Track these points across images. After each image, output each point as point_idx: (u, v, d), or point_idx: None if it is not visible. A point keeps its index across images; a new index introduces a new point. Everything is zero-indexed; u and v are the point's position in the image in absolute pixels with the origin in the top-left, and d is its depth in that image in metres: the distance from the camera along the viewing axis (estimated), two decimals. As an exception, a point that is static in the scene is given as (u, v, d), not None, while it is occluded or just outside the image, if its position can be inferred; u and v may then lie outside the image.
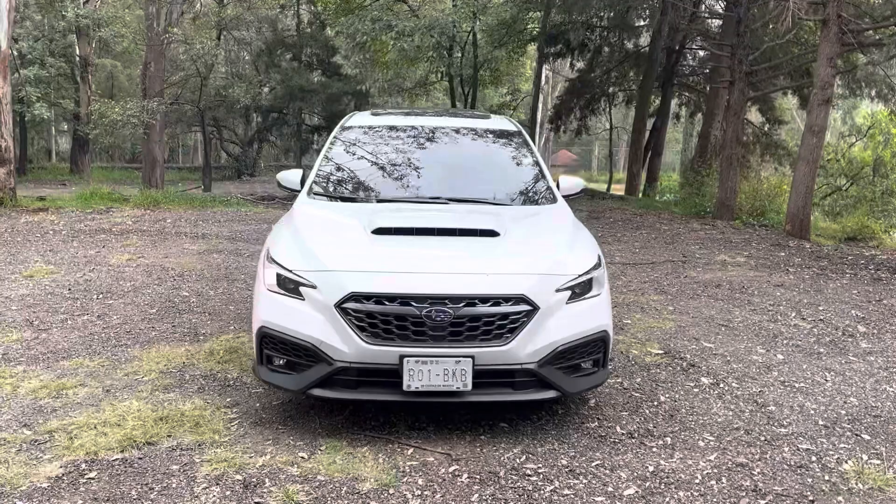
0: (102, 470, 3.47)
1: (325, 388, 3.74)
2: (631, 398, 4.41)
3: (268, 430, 3.93)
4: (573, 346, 3.82)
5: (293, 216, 4.51)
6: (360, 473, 3.46)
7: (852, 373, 4.92)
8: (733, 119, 12.77)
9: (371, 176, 5.06)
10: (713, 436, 3.92)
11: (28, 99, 26.68)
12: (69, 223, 10.24)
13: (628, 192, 18.81)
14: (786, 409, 4.28)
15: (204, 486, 3.34)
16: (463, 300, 3.63)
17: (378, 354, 3.62)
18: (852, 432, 3.99)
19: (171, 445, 3.72)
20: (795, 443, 3.85)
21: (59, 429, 3.87)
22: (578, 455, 3.69)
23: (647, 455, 3.70)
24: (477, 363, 3.64)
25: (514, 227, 4.26)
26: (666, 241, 10.04)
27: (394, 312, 3.61)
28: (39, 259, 7.85)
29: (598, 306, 3.96)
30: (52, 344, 5.20)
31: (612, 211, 13.19)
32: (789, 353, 5.27)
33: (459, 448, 3.74)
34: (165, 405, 4.18)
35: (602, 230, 10.85)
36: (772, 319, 6.11)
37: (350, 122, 5.68)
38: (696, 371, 4.87)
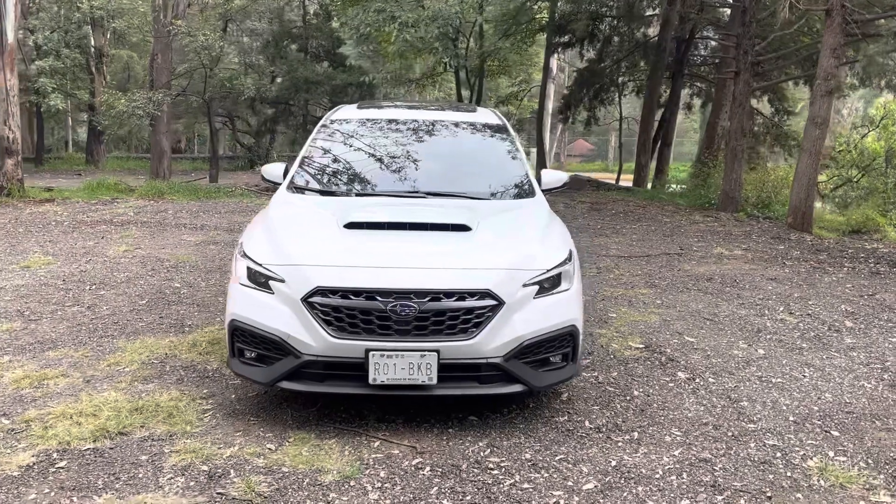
0: (73, 459, 3.54)
1: (294, 381, 3.78)
2: (604, 392, 4.43)
3: (239, 421, 3.98)
4: (540, 340, 3.84)
5: (269, 210, 4.56)
6: (324, 465, 3.51)
7: (832, 368, 4.90)
8: (738, 110, 12.66)
9: (351, 169, 5.09)
10: (681, 431, 3.93)
11: (44, 90, 26.91)
12: (72, 214, 10.37)
13: (636, 183, 18.71)
14: (758, 405, 4.27)
15: (169, 476, 3.40)
16: (428, 295, 3.66)
17: (344, 348, 3.66)
18: (822, 429, 3.99)
19: (143, 436, 3.79)
20: (762, 439, 3.85)
21: (35, 418, 3.94)
22: (543, 449, 3.71)
23: (611, 450, 3.72)
24: (442, 357, 3.67)
25: (487, 222, 4.28)
26: (665, 233, 10.00)
27: (359, 307, 3.65)
28: (38, 250, 7.97)
29: (567, 301, 3.96)
30: (40, 334, 5.29)
31: (616, 202, 13.14)
32: (771, 348, 5.26)
33: (426, 441, 3.78)
34: (143, 396, 4.25)
35: (601, 222, 10.83)
36: (759, 314, 6.09)
37: (335, 115, 5.72)
38: (673, 366, 4.87)
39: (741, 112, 12.67)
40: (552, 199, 12.89)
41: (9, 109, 12.04)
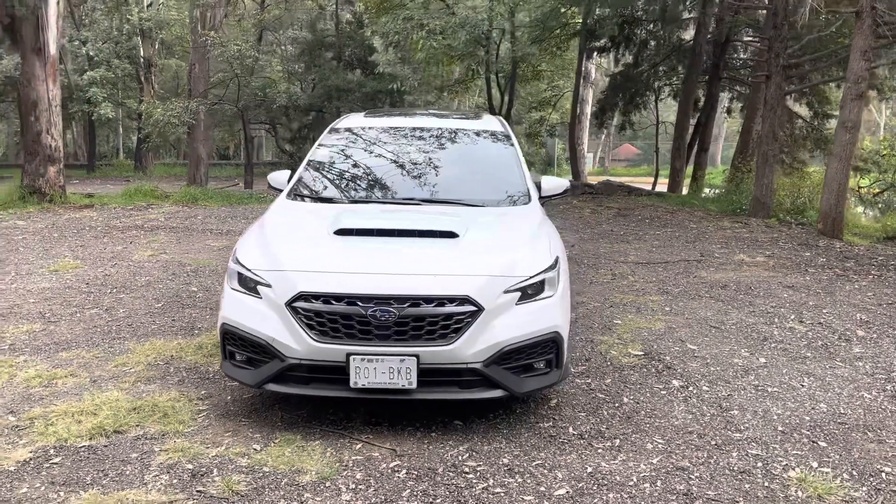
0: (67, 456, 3.70)
1: (279, 384, 3.89)
2: (594, 399, 4.44)
3: (231, 422, 4.11)
4: (521, 346, 3.87)
5: (265, 217, 4.69)
6: (304, 466, 3.60)
7: (833, 378, 4.81)
8: (770, 114, 12.44)
9: (350, 177, 5.20)
10: (663, 439, 3.92)
11: (95, 99, 27.76)
12: (106, 220, 10.72)
13: (671, 188, 18.47)
14: (748, 414, 4.23)
15: (155, 473, 3.53)
16: (407, 300, 3.73)
17: (326, 352, 3.75)
18: (810, 439, 3.93)
19: (138, 435, 3.94)
20: (746, 448, 3.82)
21: (39, 416, 4.13)
22: (522, 454, 3.75)
23: (590, 456, 3.73)
24: (422, 362, 3.74)
25: (476, 229, 4.34)
26: (688, 239, 9.88)
27: (340, 312, 3.74)
28: (69, 254, 8.28)
29: (550, 307, 3.99)
30: (57, 336, 5.51)
31: (644, 208, 13.01)
32: (773, 357, 5.18)
33: (407, 444, 3.84)
34: (143, 396, 4.41)
35: (625, 228, 10.75)
36: (768, 322, 6.00)
37: (340, 123, 5.84)
38: (669, 373, 4.85)
39: (773, 116, 12.44)
40: (578, 205, 12.85)
41: (51, 119, 12.51)
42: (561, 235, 9.06)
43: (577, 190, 15.49)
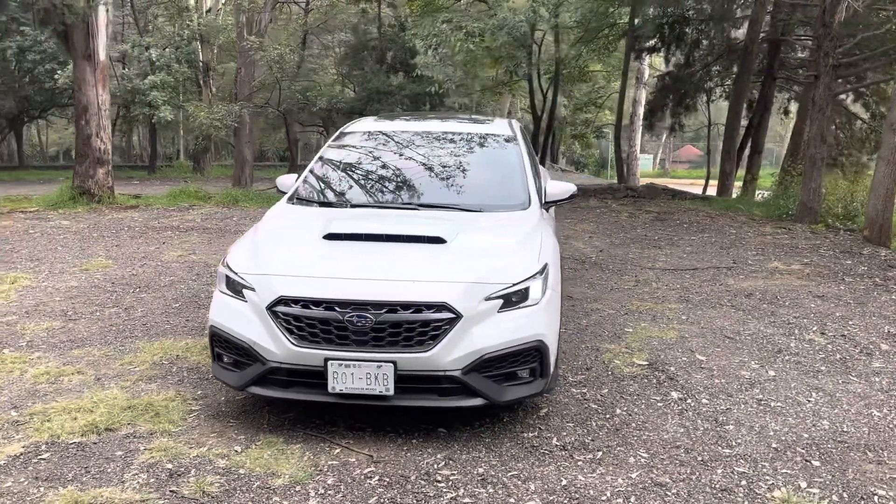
0: (56, 452, 3.81)
1: (262, 387, 3.93)
2: (585, 409, 4.34)
3: (219, 422, 4.17)
4: (502, 354, 3.82)
5: (261, 221, 4.75)
6: (279, 469, 3.63)
7: (844, 394, 4.60)
8: (818, 115, 11.98)
9: (351, 181, 5.22)
10: (648, 453, 3.81)
11: (155, 102, 28.63)
12: (146, 220, 11.04)
13: (720, 192, 17.99)
14: (743, 430, 4.08)
15: (135, 472, 3.61)
16: (384, 307, 3.72)
17: (305, 356, 3.77)
18: (803, 458, 3.76)
19: (127, 433, 4.03)
20: (733, 465, 3.68)
21: (39, 412, 4.26)
22: (499, 464, 3.69)
23: (568, 468, 3.65)
24: (399, 368, 3.72)
25: (466, 235, 4.30)
26: (724, 245, 9.60)
27: (318, 317, 3.75)
28: (102, 254, 8.55)
29: (534, 315, 3.92)
30: (73, 333, 5.69)
31: (686, 212, 12.70)
32: (784, 370, 4.99)
33: (386, 450, 3.83)
34: (141, 395, 4.51)
35: (660, 233, 10.52)
36: (787, 333, 5.78)
37: (350, 127, 5.87)
38: (670, 385, 4.71)
39: (821, 117, 11.99)
40: (616, 209, 12.61)
41: (100, 122, 12.95)
42: (591, 240, 8.88)
43: (618, 193, 15.24)
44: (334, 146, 5.57)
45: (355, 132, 5.73)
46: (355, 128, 5.84)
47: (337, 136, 5.73)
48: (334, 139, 5.72)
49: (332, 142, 5.66)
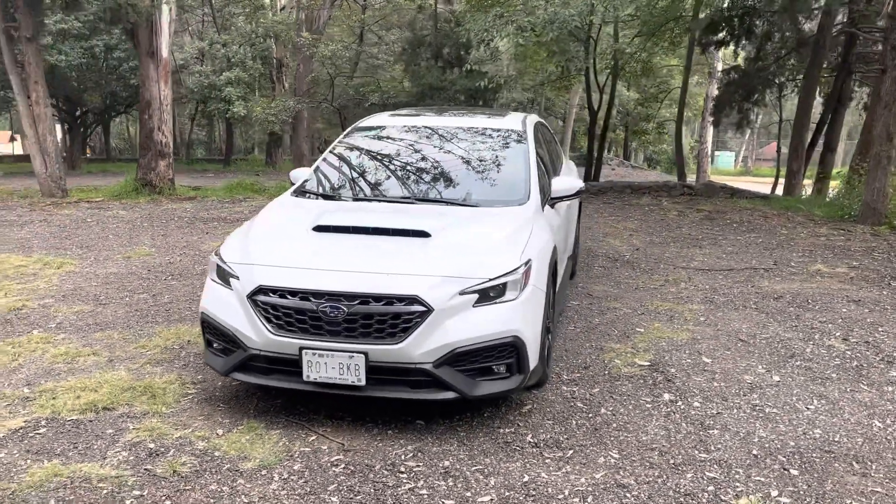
0: (53, 427, 4.03)
1: (244, 373, 4.06)
2: (570, 408, 4.30)
3: (209, 406, 4.32)
4: (475, 349, 3.82)
5: (261, 212, 4.88)
6: (252, 453, 3.74)
7: (848, 402, 4.40)
8: (884, 111, 11.38)
9: (354, 175, 5.30)
10: (620, 454, 3.74)
11: (229, 98, 29.58)
12: (197, 211, 11.45)
13: (787, 191, 17.27)
14: (727, 435, 3.96)
15: (118, 450, 3.78)
16: (357, 298, 3.78)
17: (281, 345, 3.87)
18: (782, 466, 3.63)
19: (123, 412, 4.23)
20: (704, 470, 3.58)
21: (49, 390, 4.51)
22: (467, 458, 3.71)
23: (534, 465, 3.63)
24: (371, 359, 3.77)
25: (453, 230, 4.32)
26: (770, 246, 9.25)
27: (294, 306, 3.84)
28: (147, 243, 8.93)
29: (510, 311, 3.91)
30: (100, 317, 5.98)
31: (740, 212, 12.29)
32: (791, 376, 4.80)
33: (360, 440, 3.89)
34: (145, 377, 4.71)
35: (705, 232, 10.22)
36: (806, 338, 5.55)
37: (363, 122, 5.96)
38: (665, 387, 4.61)
39: (887, 114, 11.38)
40: (667, 207, 12.30)
41: (162, 117, 13.50)
42: (631, 238, 8.73)
43: (674, 191, 14.87)
44: (346, 141, 5.67)
45: (368, 127, 5.82)
46: (369, 123, 5.92)
47: (350, 131, 5.83)
48: (346, 134, 5.82)
49: (344, 136, 5.76)
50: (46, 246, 8.64)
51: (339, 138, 5.77)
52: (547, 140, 6.32)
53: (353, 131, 5.79)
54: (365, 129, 5.78)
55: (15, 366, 4.92)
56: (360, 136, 5.70)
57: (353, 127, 5.91)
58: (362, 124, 5.91)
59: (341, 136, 5.84)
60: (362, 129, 5.81)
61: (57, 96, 30.96)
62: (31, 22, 12.49)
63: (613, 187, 15.12)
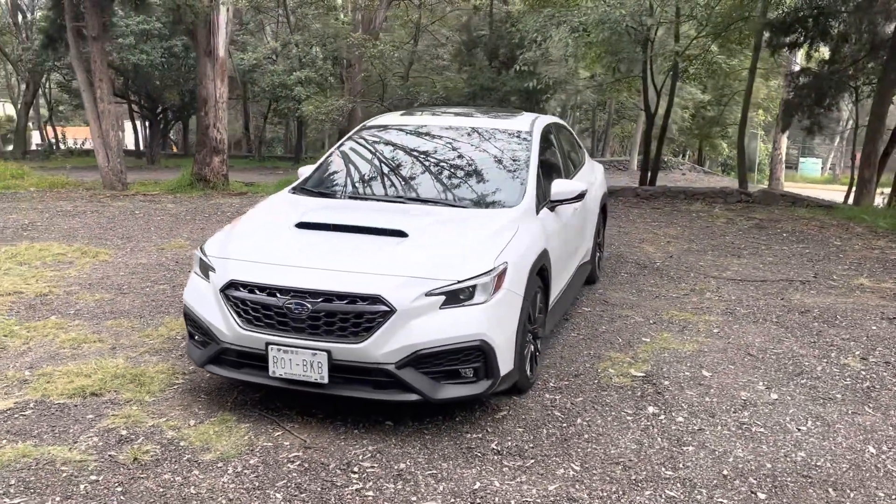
0: (38, 410, 4.18)
1: (217, 366, 4.12)
2: (546, 416, 4.19)
3: (190, 396, 4.40)
4: (439, 351, 3.78)
5: (253, 207, 4.94)
6: (215, 445, 3.79)
7: (846, 425, 4.13)
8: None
9: (352, 174, 5.32)
10: (582, 466, 3.63)
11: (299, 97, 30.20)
12: (243, 206, 11.72)
13: (857, 201, 16.41)
14: (703, 453, 3.78)
15: (90, 435, 3.90)
16: (321, 296, 3.78)
17: (249, 339, 3.91)
18: (751, 489, 3.44)
19: (109, 399, 4.36)
20: (665, 488, 3.43)
21: (48, 373, 4.69)
22: (425, 462, 3.66)
23: (490, 473, 3.56)
24: (334, 358, 3.77)
25: (433, 230, 4.28)
26: (815, 258, 8.81)
27: (261, 302, 3.88)
28: (185, 235, 9.20)
29: (478, 314, 3.84)
30: (117, 305, 6.19)
31: (793, 221, 11.75)
32: (791, 394, 4.55)
33: (324, 437, 3.90)
34: (140, 366, 4.85)
35: (749, 241, 9.81)
36: (822, 355, 5.25)
37: (372, 121, 5.98)
38: (653, 399, 4.44)
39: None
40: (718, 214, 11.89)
41: (217, 114, 13.88)
42: (668, 245, 8.49)
43: (730, 198, 14.34)
44: (352, 139, 5.69)
45: (376, 126, 5.83)
46: (377, 122, 5.93)
47: (358, 129, 5.85)
48: (355, 131, 5.84)
49: (351, 135, 5.79)
50: (90, 236, 9.01)
51: (346, 136, 5.80)
52: (561, 142, 6.19)
53: (360, 130, 5.81)
54: (372, 128, 5.79)
55: (24, 349, 5.14)
56: (366, 134, 5.72)
57: (361, 125, 5.93)
58: (370, 123, 5.93)
59: (349, 134, 5.86)
60: (370, 127, 5.83)
61: (139, 94, 32.37)
62: (98, 21, 13.05)
63: (666, 192, 14.69)
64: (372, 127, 5.83)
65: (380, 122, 5.89)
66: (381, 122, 5.88)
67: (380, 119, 6.02)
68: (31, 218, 10.12)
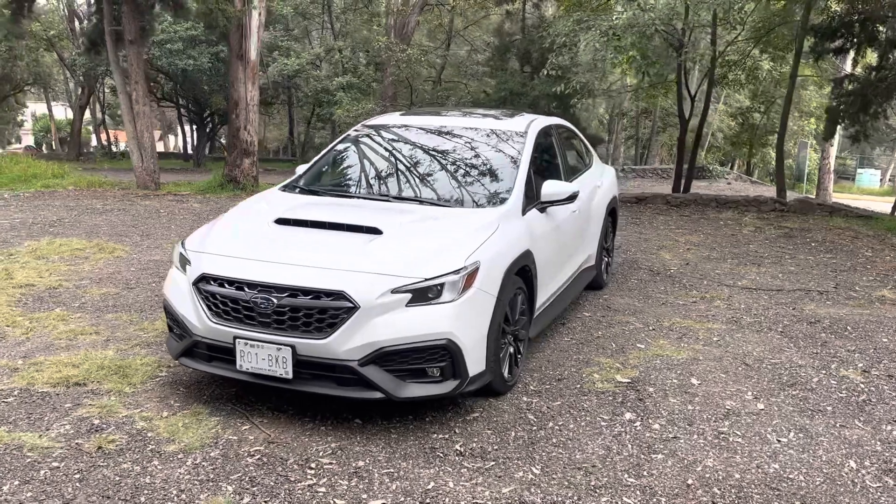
0: (20, 398, 4.28)
1: (190, 359, 4.16)
2: (518, 419, 4.12)
3: (170, 389, 4.45)
4: (404, 349, 3.75)
5: (239, 204, 4.99)
6: (180, 437, 3.82)
7: (830, 438, 3.96)
8: None
9: (342, 172, 5.34)
10: (542, 470, 3.55)
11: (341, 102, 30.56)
12: (265, 207, 11.88)
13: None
14: (671, 461, 3.66)
15: (63, 423, 3.97)
16: (286, 290, 3.78)
17: (218, 332, 3.94)
18: (713, 499, 3.31)
19: (91, 389, 4.43)
20: (622, 496, 3.33)
21: (38, 363, 4.80)
22: (384, 461, 3.63)
23: (447, 474, 3.51)
24: (299, 353, 3.77)
25: (409, 228, 4.26)
26: (841, 268, 8.51)
27: (230, 295, 3.90)
28: (203, 234, 9.34)
29: (445, 313, 3.80)
30: (121, 300, 6.31)
31: (827, 231, 11.37)
32: (778, 405, 4.38)
33: (289, 433, 3.90)
34: (128, 358, 4.92)
35: (772, 250, 9.53)
36: (821, 367, 5.05)
37: (371, 120, 5.99)
38: (632, 406, 4.33)
39: None
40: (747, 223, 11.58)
41: (248, 117, 14.12)
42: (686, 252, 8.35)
43: (764, 206, 13.97)
44: (347, 138, 5.70)
45: (373, 125, 5.83)
46: (375, 121, 5.94)
47: (357, 128, 5.86)
48: (352, 130, 5.86)
49: (346, 135, 5.80)
50: (111, 232, 9.22)
51: (344, 135, 5.81)
52: (562, 145, 6.10)
53: (359, 128, 5.83)
54: (369, 127, 5.80)
55: (23, 339, 5.27)
56: (362, 133, 5.73)
57: (361, 124, 5.95)
58: (369, 122, 5.94)
59: (346, 132, 5.88)
60: (368, 126, 5.84)
61: (187, 98, 33.13)
62: (135, 25, 13.40)
63: (697, 200, 14.39)
64: (369, 126, 5.84)
65: (377, 122, 5.90)
66: (379, 122, 5.89)
67: (378, 119, 6.03)
68: (59, 215, 10.42)
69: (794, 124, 31.36)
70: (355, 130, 5.84)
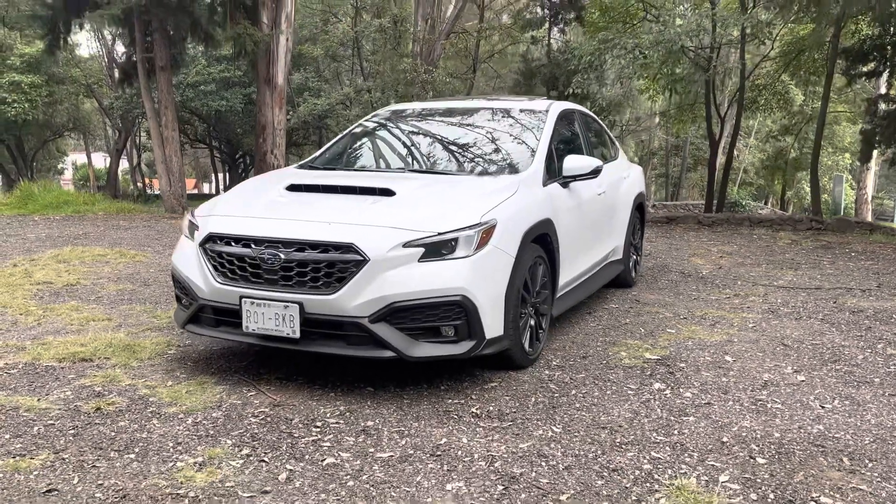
0: (26, 370, 4.15)
1: (197, 325, 4.00)
2: (537, 388, 3.87)
3: (177, 363, 4.30)
4: (415, 305, 3.55)
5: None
6: (183, 401, 3.66)
7: (877, 404, 3.65)
8: None
9: (361, 149, 5.22)
10: (563, 429, 3.30)
11: (362, 122, 30.50)
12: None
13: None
14: (704, 423, 3.39)
15: (65, 390, 3.83)
16: (294, 245, 3.64)
17: (224, 294, 3.79)
18: (750, 454, 3.03)
19: (97, 363, 4.30)
20: (651, 451, 3.06)
21: (47, 343, 4.68)
22: (395, 421, 3.42)
23: (460, 432, 3.28)
24: (306, 311, 3.60)
25: (424, 190, 4.11)
26: (883, 271, 8.14)
27: (236, 253, 3.76)
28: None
29: (459, 268, 3.61)
30: (137, 294, 6.21)
31: (868, 244, 10.94)
32: (822, 377, 4.07)
33: (298, 398, 3.71)
34: (138, 339, 4.78)
35: (809, 258, 9.17)
36: (866, 346, 4.73)
37: (392, 106, 5.91)
38: (662, 378, 4.05)
39: None
40: (783, 237, 11.24)
41: (275, 140, 14.22)
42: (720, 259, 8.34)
43: (799, 224, 13.58)
44: (367, 122, 5.61)
45: (396, 109, 5.75)
46: (398, 106, 5.86)
47: (375, 113, 5.77)
48: (370, 115, 5.76)
49: (367, 117, 5.71)
50: (133, 243, 9.21)
51: (364, 118, 5.73)
52: (584, 130, 5.92)
53: (381, 112, 5.74)
54: (393, 111, 5.71)
55: (34, 324, 5.17)
56: (385, 115, 5.64)
57: (385, 108, 5.86)
58: (394, 107, 5.85)
59: (367, 116, 5.79)
60: (391, 109, 5.76)
61: (219, 140, 33.71)
62: (166, 53, 13.66)
63: (729, 220, 14.04)
64: (394, 110, 5.75)
65: (399, 107, 5.80)
66: (401, 107, 5.79)
67: (399, 106, 5.93)
68: (86, 230, 10.47)
69: (829, 159, 30.86)
70: (375, 115, 5.74)
